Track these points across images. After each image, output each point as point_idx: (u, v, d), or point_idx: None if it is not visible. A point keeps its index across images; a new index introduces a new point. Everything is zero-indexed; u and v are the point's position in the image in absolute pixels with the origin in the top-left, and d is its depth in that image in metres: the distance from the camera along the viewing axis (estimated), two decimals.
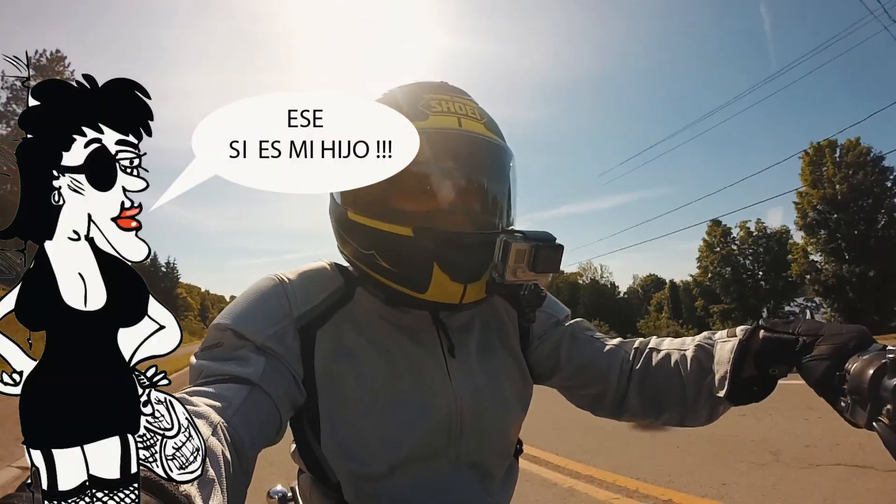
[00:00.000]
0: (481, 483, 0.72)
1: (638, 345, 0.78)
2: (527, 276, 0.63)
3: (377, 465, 0.66)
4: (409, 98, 0.68)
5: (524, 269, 0.62)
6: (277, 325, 0.64)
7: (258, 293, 0.67)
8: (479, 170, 0.69)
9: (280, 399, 0.60)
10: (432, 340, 0.71)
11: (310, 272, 0.72)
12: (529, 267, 0.62)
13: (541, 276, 0.64)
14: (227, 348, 0.61)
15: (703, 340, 0.71)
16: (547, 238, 0.64)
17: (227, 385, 0.55)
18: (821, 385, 0.54)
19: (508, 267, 0.62)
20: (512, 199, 0.73)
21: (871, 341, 0.53)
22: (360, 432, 0.66)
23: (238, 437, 0.49)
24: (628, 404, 0.76)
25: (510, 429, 0.77)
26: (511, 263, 0.61)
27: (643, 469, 3.36)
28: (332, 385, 0.66)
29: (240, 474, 0.48)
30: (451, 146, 0.66)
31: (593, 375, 0.78)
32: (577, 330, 0.82)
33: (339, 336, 0.68)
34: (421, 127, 0.63)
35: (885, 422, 0.46)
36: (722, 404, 0.68)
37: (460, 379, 0.71)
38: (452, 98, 0.69)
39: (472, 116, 0.68)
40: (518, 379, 0.78)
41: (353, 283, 0.72)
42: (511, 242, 0.61)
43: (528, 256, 0.61)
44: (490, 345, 0.77)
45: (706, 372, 0.68)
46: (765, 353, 0.61)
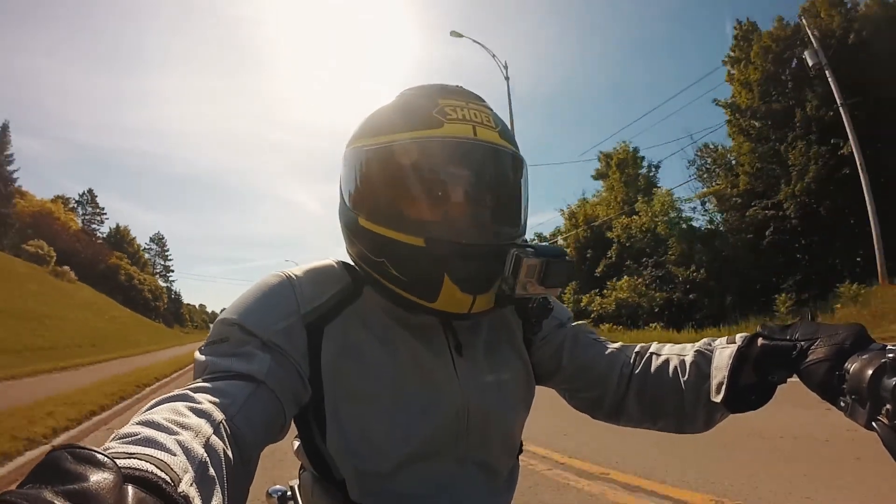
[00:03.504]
0: (487, 482, 0.73)
1: (639, 349, 0.79)
2: (536, 291, 0.63)
3: (383, 462, 0.65)
4: (423, 103, 0.67)
5: (534, 284, 0.62)
6: (285, 321, 0.63)
7: (265, 289, 0.66)
8: (493, 180, 0.69)
9: (285, 396, 0.59)
10: (440, 339, 0.71)
11: (318, 269, 0.71)
12: (539, 281, 0.62)
13: (550, 291, 0.64)
14: (232, 344, 0.60)
15: (702, 346, 0.71)
16: (557, 253, 0.63)
17: (231, 381, 0.55)
18: (821, 387, 0.54)
19: (519, 281, 0.62)
20: (524, 208, 0.73)
21: (870, 340, 0.53)
22: (366, 430, 0.66)
23: (241, 434, 0.49)
24: (626, 408, 0.77)
25: (515, 428, 0.77)
26: (521, 278, 0.61)
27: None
28: (339, 382, 0.65)
29: (241, 472, 0.48)
30: (465, 156, 0.65)
31: (593, 378, 0.78)
32: (579, 333, 0.82)
33: (346, 333, 0.67)
34: (435, 135, 0.63)
35: (884, 422, 0.46)
36: (719, 411, 0.67)
37: (467, 377, 0.71)
38: (468, 104, 0.68)
39: (488, 125, 0.67)
40: (523, 378, 0.78)
41: (361, 281, 0.72)
42: (522, 257, 0.61)
43: (538, 271, 0.61)
44: (497, 344, 0.77)
45: (704, 378, 0.68)
46: (763, 359, 0.61)
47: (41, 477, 0.25)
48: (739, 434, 3.58)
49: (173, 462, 0.33)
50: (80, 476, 0.25)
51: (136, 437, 0.35)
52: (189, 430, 0.40)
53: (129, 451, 0.32)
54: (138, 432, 0.36)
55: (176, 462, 0.33)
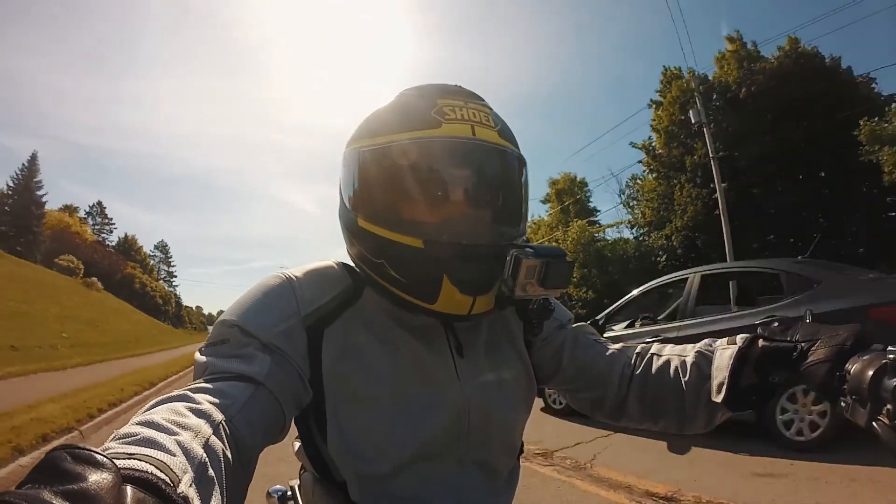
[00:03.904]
0: (488, 482, 0.73)
1: (640, 350, 0.79)
2: (536, 292, 0.63)
3: (384, 463, 0.65)
4: (421, 103, 0.67)
5: (534, 285, 0.62)
6: (285, 322, 0.63)
7: (265, 290, 0.66)
8: (493, 180, 0.68)
9: (285, 398, 0.60)
10: (440, 340, 0.71)
11: (318, 271, 0.71)
12: (539, 283, 0.62)
13: (550, 292, 0.64)
14: (233, 345, 0.61)
15: (703, 347, 0.72)
16: (557, 254, 0.63)
17: (231, 383, 0.55)
18: (822, 388, 0.54)
19: (518, 283, 0.61)
20: (524, 207, 0.73)
21: (870, 340, 0.54)
22: (367, 431, 0.66)
23: (240, 435, 0.49)
24: (628, 408, 0.77)
25: (516, 428, 0.77)
26: (521, 279, 0.61)
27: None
28: (340, 384, 0.66)
29: (241, 473, 0.48)
30: (464, 156, 0.65)
31: (594, 379, 0.79)
32: (579, 334, 0.82)
33: (346, 335, 0.67)
34: (434, 136, 0.64)
35: (884, 422, 0.46)
36: (720, 411, 0.68)
37: (468, 378, 0.71)
38: (466, 104, 0.67)
39: (487, 124, 0.67)
40: (524, 379, 0.78)
41: (361, 282, 0.72)
42: (522, 258, 0.61)
43: (538, 272, 0.61)
44: (497, 344, 0.77)
45: (705, 378, 0.68)
46: (764, 361, 0.61)
47: (40, 477, 0.25)
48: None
49: (173, 463, 0.33)
50: (80, 476, 0.25)
51: (136, 438, 0.35)
52: (189, 430, 0.40)
53: (128, 452, 0.32)
54: (138, 432, 0.36)
55: (175, 463, 0.33)
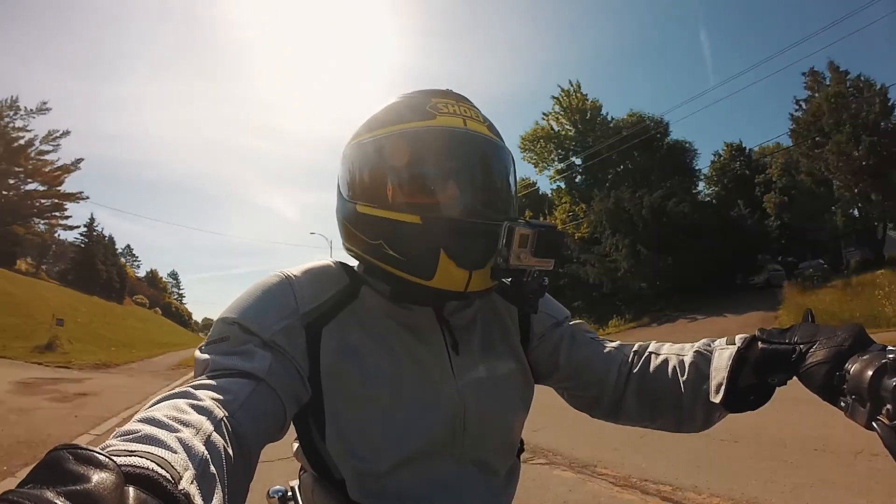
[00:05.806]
0: (485, 481, 0.73)
1: (637, 348, 0.79)
2: (530, 262, 0.65)
3: (382, 462, 0.66)
4: (416, 101, 0.71)
5: (527, 254, 0.64)
6: (284, 320, 0.64)
7: (265, 289, 0.67)
8: (485, 167, 0.72)
9: (285, 395, 0.60)
10: (436, 338, 0.72)
11: (316, 270, 0.72)
12: (532, 252, 0.64)
13: (543, 262, 0.66)
14: (233, 342, 0.61)
15: (702, 347, 0.72)
16: (549, 226, 0.65)
17: (232, 379, 0.55)
18: (821, 389, 0.54)
19: (512, 251, 0.63)
20: (514, 198, 0.76)
21: (869, 340, 0.53)
22: (365, 430, 0.66)
23: (242, 431, 0.49)
24: (625, 407, 0.77)
25: (514, 426, 0.77)
26: (515, 247, 0.63)
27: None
28: (338, 383, 0.66)
29: (242, 470, 0.48)
30: (458, 144, 0.69)
31: (591, 377, 0.79)
32: (576, 332, 0.82)
33: (344, 334, 0.68)
34: (430, 125, 0.67)
35: (884, 422, 0.46)
36: (718, 411, 0.68)
37: (464, 376, 0.71)
38: (458, 102, 0.72)
39: (477, 119, 0.71)
40: (520, 377, 0.78)
41: (359, 281, 0.73)
42: (515, 227, 0.63)
43: (531, 241, 0.64)
44: (493, 343, 0.77)
45: (703, 378, 0.68)
46: (763, 362, 0.61)
47: (42, 477, 0.25)
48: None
49: (174, 460, 0.33)
50: (82, 477, 0.25)
51: (137, 435, 0.35)
52: (190, 427, 0.40)
53: (129, 450, 0.32)
54: (139, 430, 0.36)
55: (177, 460, 0.33)
